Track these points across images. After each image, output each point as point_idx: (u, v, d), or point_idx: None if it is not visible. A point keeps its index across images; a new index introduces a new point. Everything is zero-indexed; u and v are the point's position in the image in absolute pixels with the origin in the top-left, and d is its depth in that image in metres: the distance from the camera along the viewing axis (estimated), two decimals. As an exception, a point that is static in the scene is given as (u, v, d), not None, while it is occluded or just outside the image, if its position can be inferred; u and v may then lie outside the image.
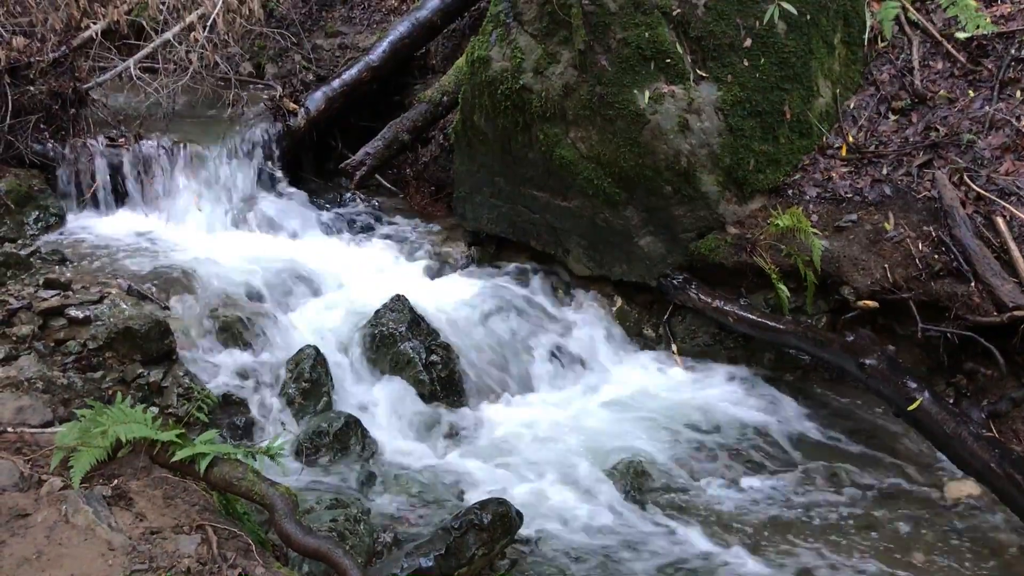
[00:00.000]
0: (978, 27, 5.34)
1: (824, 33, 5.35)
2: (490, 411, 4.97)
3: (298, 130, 6.56)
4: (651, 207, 5.29)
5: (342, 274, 5.67)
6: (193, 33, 6.63)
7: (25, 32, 6.27)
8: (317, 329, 5.12)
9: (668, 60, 5.07)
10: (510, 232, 6.00)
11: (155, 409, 4.17)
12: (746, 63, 5.12)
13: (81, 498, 2.92)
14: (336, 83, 6.78)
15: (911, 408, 4.18)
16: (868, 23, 5.67)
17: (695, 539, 4.00)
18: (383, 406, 4.79)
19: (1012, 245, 4.52)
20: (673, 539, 4.00)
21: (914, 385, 4.24)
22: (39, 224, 5.62)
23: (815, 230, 4.93)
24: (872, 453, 4.65)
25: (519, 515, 3.87)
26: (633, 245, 5.42)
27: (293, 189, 6.63)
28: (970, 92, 5.27)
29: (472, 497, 4.14)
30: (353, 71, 6.85)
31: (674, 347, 5.48)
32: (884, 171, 5.13)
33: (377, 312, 5.07)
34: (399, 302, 5.09)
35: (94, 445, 3.11)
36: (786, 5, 4.73)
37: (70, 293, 4.58)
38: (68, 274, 4.85)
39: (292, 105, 6.57)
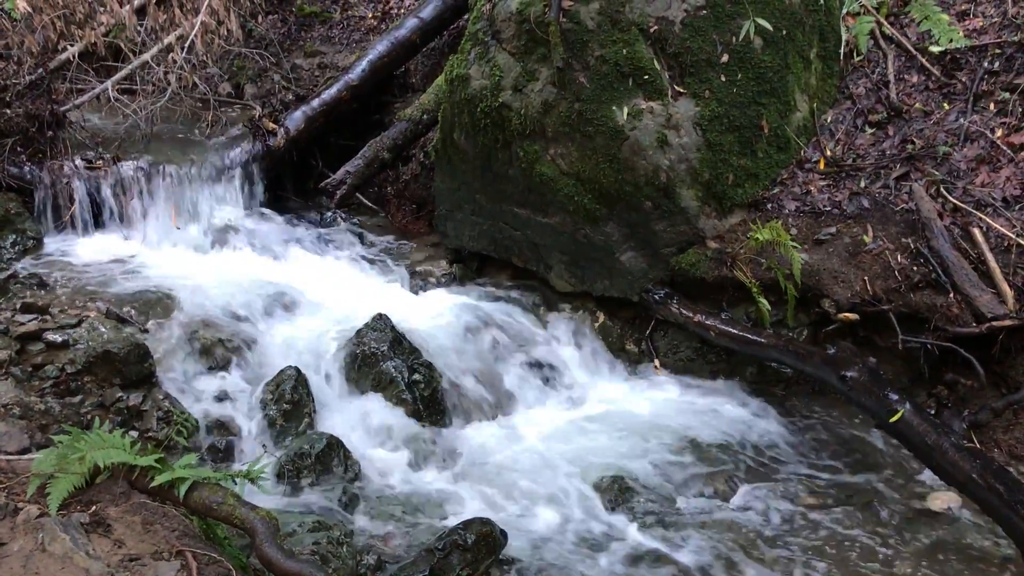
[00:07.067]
0: (951, 41, 5.39)
1: (800, 48, 5.40)
2: (473, 429, 4.95)
3: (278, 150, 6.53)
4: (632, 223, 5.30)
5: (323, 293, 5.63)
6: (171, 54, 6.64)
7: (1, 55, 6.24)
8: (298, 349, 5.08)
9: (646, 76, 5.10)
10: (492, 249, 6.01)
11: (134, 433, 4.13)
12: (723, 78, 5.16)
13: (58, 526, 2.87)
14: (316, 102, 6.77)
15: (893, 420, 4.19)
16: (843, 38, 5.73)
17: (682, 554, 3.99)
18: (366, 426, 4.75)
19: (989, 256, 4.57)
20: (660, 555, 3.99)
21: (895, 397, 4.25)
22: (16, 248, 5.57)
23: (795, 243, 4.96)
24: (855, 464, 4.67)
25: (503, 534, 3.86)
26: (614, 261, 5.43)
27: (273, 209, 6.62)
28: (945, 105, 5.33)
29: (456, 517, 4.12)
30: (332, 90, 6.84)
31: (656, 362, 5.48)
32: (862, 184, 5.18)
33: (359, 331, 5.04)
34: (381, 321, 5.06)
35: (72, 471, 3.07)
36: (761, 21, 4.76)
37: (48, 317, 4.54)
38: (46, 298, 4.81)
39: (272, 125, 6.54)
